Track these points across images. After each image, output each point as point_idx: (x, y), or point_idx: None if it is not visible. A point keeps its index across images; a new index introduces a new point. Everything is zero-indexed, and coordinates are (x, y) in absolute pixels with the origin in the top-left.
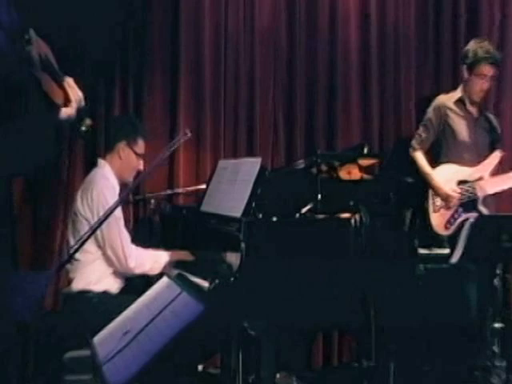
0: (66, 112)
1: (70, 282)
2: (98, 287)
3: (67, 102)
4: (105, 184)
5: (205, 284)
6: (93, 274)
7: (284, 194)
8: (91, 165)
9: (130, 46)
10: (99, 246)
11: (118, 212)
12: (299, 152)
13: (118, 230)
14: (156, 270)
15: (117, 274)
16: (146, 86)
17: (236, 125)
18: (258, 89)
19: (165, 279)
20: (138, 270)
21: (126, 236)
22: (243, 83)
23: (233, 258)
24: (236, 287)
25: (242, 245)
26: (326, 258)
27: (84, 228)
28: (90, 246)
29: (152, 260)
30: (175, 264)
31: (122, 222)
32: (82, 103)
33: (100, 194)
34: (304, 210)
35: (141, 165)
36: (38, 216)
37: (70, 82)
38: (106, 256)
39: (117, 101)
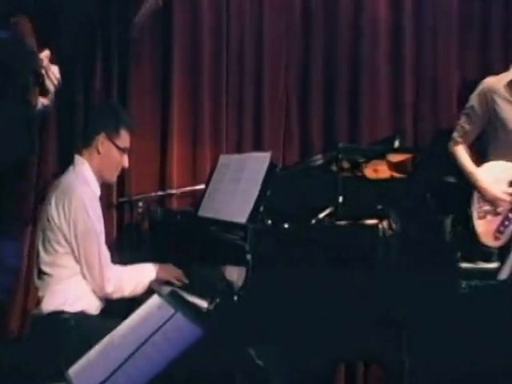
0: (43, 102)
1: (39, 301)
2: (74, 307)
3: (44, 93)
4: (84, 192)
5: (203, 303)
6: (69, 292)
7: (298, 195)
8: (66, 162)
9: (113, 19)
10: (77, 261)
11: (100, 226)
12: (316, 146)
13: (97, 248)
14: (139, 292)
15: None
16: (132, 67)
17: (240, 113)
18: (267, 70)
19: (155, 298)
20: (117, 295)
21: (107, 255)
22: (249, 63)
23: (234, 275)
24: (240, 307)
25: (248, 256)
26: (347, 272)
27: (57, 238)
28: (66, 259)
29: (134, 283)
30: None
31: (102, 238)
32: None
33: (79, 206)
34: (322, 215)
35: (125, 161)
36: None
37: (48, 67)
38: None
39: (97, 86)
